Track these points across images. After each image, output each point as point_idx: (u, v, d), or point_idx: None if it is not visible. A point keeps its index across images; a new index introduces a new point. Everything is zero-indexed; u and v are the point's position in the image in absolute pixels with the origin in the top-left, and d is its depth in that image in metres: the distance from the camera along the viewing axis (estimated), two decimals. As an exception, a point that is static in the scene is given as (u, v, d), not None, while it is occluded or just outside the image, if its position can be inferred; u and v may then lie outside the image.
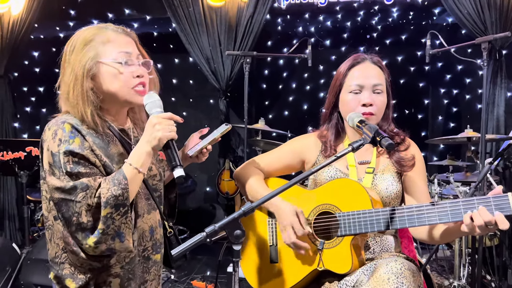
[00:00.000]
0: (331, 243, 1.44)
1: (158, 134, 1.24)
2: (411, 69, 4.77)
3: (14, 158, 3.33)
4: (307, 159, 1.66)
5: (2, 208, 4.27)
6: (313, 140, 1.66)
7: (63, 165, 1.22)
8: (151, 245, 1.39)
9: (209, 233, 1.09)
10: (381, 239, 1.52)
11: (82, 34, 1.32)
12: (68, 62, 1.29)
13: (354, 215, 1.40)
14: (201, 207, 4.93)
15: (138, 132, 1.47)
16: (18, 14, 4.21)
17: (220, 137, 1.50)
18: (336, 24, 4.77)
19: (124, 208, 1.23)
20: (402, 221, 1.33)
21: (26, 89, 5.20)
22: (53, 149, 1.23)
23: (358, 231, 1.38)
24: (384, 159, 1.56)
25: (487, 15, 3.65)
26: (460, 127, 4.65)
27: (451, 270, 3.27)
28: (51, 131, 1.26)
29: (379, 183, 1.52)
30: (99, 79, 1.29)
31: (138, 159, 1.26)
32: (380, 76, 1.53)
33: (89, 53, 1.27)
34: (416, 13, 4.54)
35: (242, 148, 4.73)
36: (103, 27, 1.34)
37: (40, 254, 3.02)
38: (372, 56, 1.58)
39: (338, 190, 1.47)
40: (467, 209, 1.23)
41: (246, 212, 1.12)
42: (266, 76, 5.06)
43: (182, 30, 4.23)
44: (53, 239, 1.32)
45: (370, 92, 1.50)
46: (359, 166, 1.56)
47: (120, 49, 1.31)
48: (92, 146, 1.26)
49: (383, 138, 1.23)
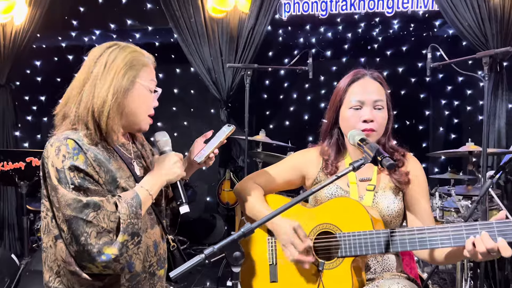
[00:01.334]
0: (332, 264, 1.42)
1: (178, 171, 1.37)
2: (412, 80, 4.78)
3: (15, 168, 3.32)
4: (308, 175, 1.64)
5: (2, 217, 4.25)
6: (314, 155, 1.65)
7: (70, 180, 1.22)
8: (156, 260, 1.39)
9: (208, 255, 1.07)
10: (382, 259, 1.51)
11: (124, 51, 1.34)
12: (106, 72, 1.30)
13: (355, 236, 1.38)
14: (201, 217, 4.92)
15: (137, 147, 1.48)
16: (21, 24, 4.23)
17: (226, 139, 1.49)
18: (337, 35, 4.79)
19: (138, 238, 1.26)
20: (403, 243, 1.32)
21: (27, 98, 5.21)
22: (58, 165, 1.23)
23: (359, 252, 1.37)
24: (384, 176, 1.55)
25: (487, 27, 3.65)
26: (461, 139, 4.65)
27: (453, 283, 3.24)
28: (53, 148, 1.25)
29: (380, 201, 1.50)
30: (131, 98, 1.33)
31: (152, 186, 1.34)
32: (380, 92, 1.52)
33: (131, 71, 1.32)
34: (416, 25, 4.56)
35: (242, 158, 4.73)
36: (138, 50, 1.39)
37: (39, 266, 2.99)
38: (372, 72, 1.56)
39: (339, 210, 1.46)
40: (470, 234, 1.22)
41: (245, 234, 1.10)
42: (267, 87, 5.07)
43: (183, 41, 4.24)
44: (47, 262, 1.31)
45: (371, 108, 1.49)
46: (360, 183, 1.55)
47: (151, 77, 1.39)
48: (93, 163, 1.26)
49: (384, 158, 1.22)
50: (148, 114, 1.40)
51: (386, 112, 1.52)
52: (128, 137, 1.46)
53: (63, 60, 5.03)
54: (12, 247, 4.23)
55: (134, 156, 1.42)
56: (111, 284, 1.29)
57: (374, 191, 1.50)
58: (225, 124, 1.50)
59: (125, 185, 1.31)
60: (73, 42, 4.93)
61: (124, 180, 1.32)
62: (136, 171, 1.39)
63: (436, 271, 3.60)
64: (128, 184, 1.33)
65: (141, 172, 1.41)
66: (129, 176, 1.35)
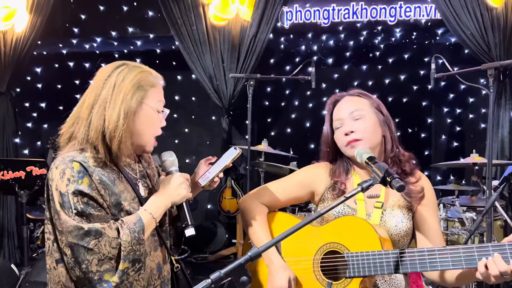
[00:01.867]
0: (340, 285, 1.39)
1: (183, 192, 1.34)
2: (414, 88, 4.77)
3: (15, 177, 3.31)
4: (317, 191, 1.61)
5: (2, 226, 4.23)
6: (322, 171, 1.62)
7: (73, 205, 1.19)
8: (160, 283, 1.36)
9: (214, 279, 1.05)
10: (390, 278, 1.48)
11: (133, 71, 1.31)
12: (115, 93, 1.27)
13: (363, 256, 1.35)
14: (202, 225, 4.89)
15: (143, 165, 1.45)
16: (22, 31, 4.22)
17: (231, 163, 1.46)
18: (339, 43, 4.78)
19: (139, 264, 1.23)
20: (413, 265, 1.29)
21: (27, 104, 5.19)
22: (62, 189, 1.21)
23: (368, 273, 1.34)
24: (393, 192, 1.52)
25: (490, 36, 3.65)
26: (463, 147, 4.64)
27: (457, 294, 3.21)
28: (58, 170, 1.23)
29: (388, 219, 1.47)
30: (138, 119, 1.31)
31: (157, 209, 1.30)
32: (357, 103, 1.53)
33: (140, 92, 1.30)
34: (419, 33, 4.55)
35: (244, 166, 4.70)
36: (146, 71, 1.36)
37: (39, 276, 2.98)
38: (352, 91, 1.59)
39: (346, 229, 1.43)
40: (482, 255, 1.20)
41: (252, 258, 1.08)
42: (268, 94, 5.05)
43: (185, 49, 4.23)
44: (50, 284, 1.29)
45: (349, 121, 1.49)
46: (368, 200, 1.52)
47: (159, 98, 1.36)
48: (98, 186, 1.24)
49: (394, 180, 1.19)
50: (155, 135, 1.38)
51: (371, 120, 1.50)
52: (135, 156, 1.43)
53: (64, 67, 5.02)
54: (12, 256, 4.20)
55: (140, 176, 1.39)
56: None
57: (382, 209, 1.48)
58: (232, 147, 1.47)
59: (129, 208, 1.29)
60: (74, 49, 4.92)
61: (129, 202, 1.30)
62: (141, 192, 1.37)
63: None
64: (132, 206, 1.30)
65: (145, 192, 1.38)
66: (133, 198, 1.32)
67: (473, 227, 2.37)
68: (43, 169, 3.27)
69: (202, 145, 5.10)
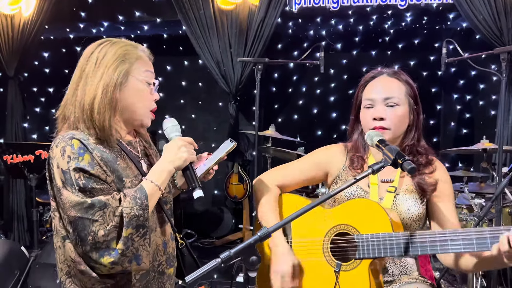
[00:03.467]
0: (349, 266, 1.40)
1: (184, 155, 1.31)
2: (424, 74, 4.70)
3: (24, 161, 3.32)
4: (331, 172, 1.61)
5: (12, 210, 4.28)
6: (337, 151, 1.62)
7: (75, 181, 1.20)
8: (165, 259, 1.38)
9: (224, 259, 1.06)
10: (400, 262, 1.48)
11: (115, 47, 1.32)
12: (96, 68, 1.29)
13: (373, 238, 1.35)
14: (209, 210, 4.91)
15: (144, 145, 1.46)
16: (29, 15, 4.21)
17: (226, 155, 1.47)
18: (348, 28, 4.71)
19: (144, 229, 1.23)
20: (424, 247, 1.29)
21: (35, 89, 5.21)
22: (63, 167, 1.21)
23: (377, 255, 1.34)
24: (408, 179, 1.51)
25: (503, 21, 3.57)
26: (473, 133, 4.58)
27: (463, 280, 3.21)
28: (59, 148, 1.23)
29: (401, 203, 1.46)
30: (126, 92, 1.31)
31: (159, 176, 1.29)
32: (394, 89, 1.48)
33: (123, 65, 1.30)
34: (430, 18, 4.46)
35: (250, 152, 4.70)
36: (131, 44, 1.36)
37: (48, 259, 3.02)
38: (390, 70, 1.54)
39: (357, 211, 1.43)
40: (494, 237, 1.18)
41: (262, 238, 1.08)
42: (276, 80, 5.02)
43: (192, 33, 4.20)
44: (58, 263, 1.30)
45: (382, 106, 1.46)
46: (381, 185, 1.51)
47: (146, 68, 1.36)
48: (100, 162, 1.24)
49: (405, 162, 1.18)
50: (149, 108, 1.37)
51: (403, 109, 1.47)
52: (135, 135, 1.44)
53: (71, 52, 5.00)
54: (22, 239, 4.27)
55: (142, 154, 1.41)
56: (123, 285, 1.28)
57: (394, 193, 1.47)
58: (228, 140, 1.47)
59: (131, 185, 1.30)
60: (81, 34, 4.90)
61: (131, 179, 1.31)
62: (144, 169, 1.37)
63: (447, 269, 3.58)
64: (134, 183, 1.31)
65: (148, 170, 1.38)
66: (136, 175, 1.33)
67: (482, 213, 2.36)
68: (52, 153, 3.29)
69: (209, 131, 5.09)
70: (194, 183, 1.30)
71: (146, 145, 1.46)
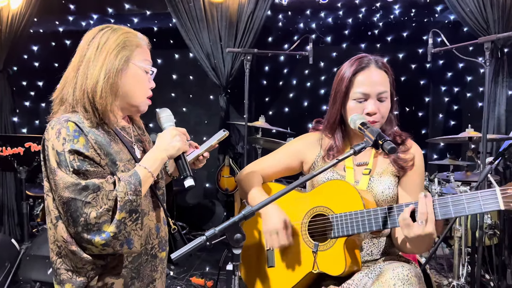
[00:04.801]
0: (325, 245, 1.44)
1: (177, 144, 1.34)
2: (412, 66, 4.75)
3: (13, 153, 3.31)
4: (306, 160, 1.65)
5: (1, 203, 4.26)
6: (313, 139, 1.65)
7: (69, 163, 1.22)
8: (158, 242, 1.41)
9: (209, 236, 1.08)
10: (378, 241, 1.52)
11: (116, 33, 1.34)
12: (98, 53, 1.31)
13: (346, 217, 1.40)
14: (201, 203, 4.94)
15: (137, 131, 1.48)
16: (18, 8, 4.17)
17: (218, 143, 1.52)
18: (337, 20, 4.74)
19: (136, 214, 1.25)
20: (393, 220, 1.33)
21: (25, 83, 5.18)
22: (58, 148, 1.23)
23: (351, 232, 1.38)
24: (382, 159, 1.55)
25: (489, 13, 3.62)
26: (460, 125, 4.65)
27: (450, 268, 3.27)
28: (54, 130, 1.25)
29: (375, 186, 1.51)
30: (125, 79, 1.34)
31: (153, 163, 1.32)
32: (385, 82, 1.49)
33: (124, 52, 1.32)
34: (418, 11, 4.51)
35: (242, 144, 4.72)
36: (132, 32, 1.39)
37: (39, 250, 3.02)
38: (377, 60, 1.52)
39: (331, 192, 1.47)
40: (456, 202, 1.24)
41: (246, 216, 1.11)
42: (266, 73, 5.04)
43: (182, 26, 4.20)
44: (49, 243, 1.32)
45: (374, 101, 1.47)
46: (356, 168, 1.55)
47: (146, 57, 1.39)
48: (94, 145, 1.26)
49: (386, 142, 1.22)
50: (146, 95, 1.40)
51: (389, 102, 1.51)
52: (128, 121, 1.46)
53: (61, 45, 4.98)
54: (12, 232, 4.25)
55: (135, 140, 1.43)
56: (114, 266, 1.31)
57: (369, 175, 1.51)
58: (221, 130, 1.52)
59: (124, 169, 1.32)
60: (71, 27, 4.88)
61: (124, 163, 1.32)
62: (137, 154, 1.39)
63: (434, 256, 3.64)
64: (127, 167, 1.33)
65: (141, 155, 1.41)
66: (129, 160, 1.35)
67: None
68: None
69: (200, 124, 5.11)
70: (186, 172, 1.33)
71: (139, 132, 1.49)
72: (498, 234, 3.06)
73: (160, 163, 1.34)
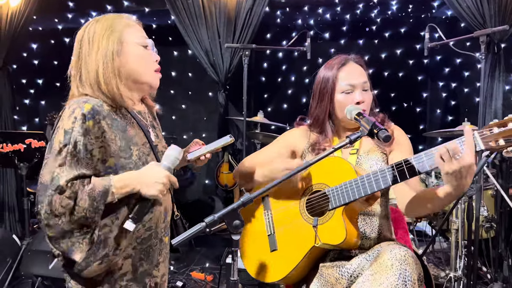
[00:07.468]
0: (324, 218, 1.48)
1: (154, 192, 1.29)
2: (410, 62, 4.78)
3: (14, 150, 3.33)
4: (296, 150, 1.74)
5: (2, 200, 4.28)
6: (301, 131, 1.76)
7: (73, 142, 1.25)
8: (164, 227, 1.44)
9: (208, 223, 1.11)
10: (371, 220, 1.56)
11: (101, 21, 1.38)
12: (91, 46, 1.34)
13: (341, 187, 1.46)
14: (200, 199, 4.96)
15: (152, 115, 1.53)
16: (17, 6, 4.19)
17: (222, 148, 1.56)
18: (335, 17, 4.76)
19: (88, 229, 1.26)
20: (386, 180, 1.37)
21: (25, 81, 5.19)
22: (66, 126, 1.26)
23: (347, 200, 1.44)
24: (368, 141, 1.63)
25: (486, 8, 3.64)
26: (458, 120, 4.67)
27: (448, 262, 3.30)
28: (69, 110, 1.29)
29: (364, 162, 1.59)
30: (125, 59, 1.36)
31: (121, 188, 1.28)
32: (364, 74, 1.64)
33: (114, 34, 1.35)
34: (415, 6, 4.54)
35: (241, 141, 4.75)
36: (116, 15, 1.41)
37: (40, 246, 3.04)
38: (354, 57, 1.68)
39: (324, 169, 1.54)
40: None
41: (245, 203, 1.14)
42: (265, 69, 5.06)
43: (181, 22, 4.22)
44: None
45: (360, 91, 1.59)
46: (344, 150, 1.64)
47: (139, 33, 1.40)
48: (108, 130, 1.29)
49: (380, 131, 1.26)
50: (152, 69, 1.41)
51: (371, 93, 1.63)
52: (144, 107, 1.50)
53: (60, 43, 5.00)
54: (13, 229, 4.27)
55: (150, 125, 1.46)
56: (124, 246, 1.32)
57: (357, 154, 1.57)
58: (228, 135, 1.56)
59: (139, 153, 1.35)
60: (70, 25, 4.89)
61: (139, 147, 1.35)
62: (152, 138, 1.42)
63: (431, 250, 3.67)
64: (142, 151, 1.36)
65: (156, 140, 1.44)
66: (144, 143, 1.38)
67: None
68: (42, 142, 3.30)
69: (199, 121, 5.13)
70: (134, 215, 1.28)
71: (152, 118, 1.52)
72: (495, 227, 3.09)
73: (128, 192, 1.29)
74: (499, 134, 1.19)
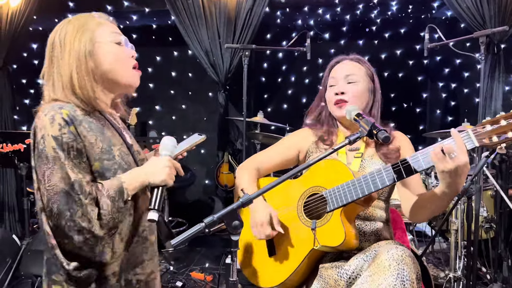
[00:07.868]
0: (323, 221, 1.48)
1: (163, 176, 1.29)
2: (410, 62, 4.78)
3: (14, 150, 3.33)
4: (302, 149, 1.75)
5: (2, 200, 4.28)
6: (306, 131, 1.77)
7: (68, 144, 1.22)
8: (148, 225, 1.42)
9: (208, 223, 1.11)
10: (370, 223, 1.56)
11: (72, 22, 1.34)
12: (63, 49, 1.30)
13: (339, 189, 1.45)
14: (200, 199, 4.96)
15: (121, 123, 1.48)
16: (17, 6, 4.19)
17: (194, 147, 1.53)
18: (335, 17, 4.77)
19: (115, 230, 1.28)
20: (383, 180, 1.37)
21: (25, 81, 5.20)
22: (54, 133, 1.21)
23: (345, 201, 1.43)
24: (372, 149, 1.65)
25: (486, 9, 3.65)
26: (458, 121, 4.68)
27: (447, 262, 3.30)
28: (47, 117, 1.22)
29: (367, 166, 1.58)
30: (98, 59, 1.32)
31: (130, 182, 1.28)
32: (354, 68, 1.65)
33: (86, 34, 1.31)
34: (415, 7, 4.54)
35: (240, 141, 4.75)
36: (87, 14, 1.37)
37: (40, 245, 3.04)
38: (352, 56, 1.70)
39: (321, 172, 1.54)
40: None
41: (244, 203, 1.14)
42: (265, 69, 5.06)
43: (181, 23, 4.22)
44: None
45: (343, 82, 1.62)
46: (349, 153, 1.64)
47: (110, 30, 1.36)
48: (87, 134, 1.26)
49: (379, 131, 1.26)
50: (129, 66, 1.37)
51: (362, 86, 1.62)
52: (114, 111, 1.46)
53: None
54: (13, 229, 4.27)
55: (122, 127, 1.44)
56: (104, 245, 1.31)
57: (361, 158, 1.58)
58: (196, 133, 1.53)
59: (120, 153, 1.32)
60: (70, 25, 4.88)
61: (118, 147, 1.33)
62: (127, 139, 1.40)
63: (430, 250, 3.67)
64: (122, 150, 1.34)
65: (131, 140, 1.42)
66: (122, 143, 1.36)
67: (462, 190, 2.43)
68: (42, 142, 3.29)
69: (199, 121, 5.13)
70: (154, 205, 1.26)
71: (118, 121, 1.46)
72: (494, 227, 3.09)
73: (139, 185, 1.29)
74: (492, 131, 1.21)
